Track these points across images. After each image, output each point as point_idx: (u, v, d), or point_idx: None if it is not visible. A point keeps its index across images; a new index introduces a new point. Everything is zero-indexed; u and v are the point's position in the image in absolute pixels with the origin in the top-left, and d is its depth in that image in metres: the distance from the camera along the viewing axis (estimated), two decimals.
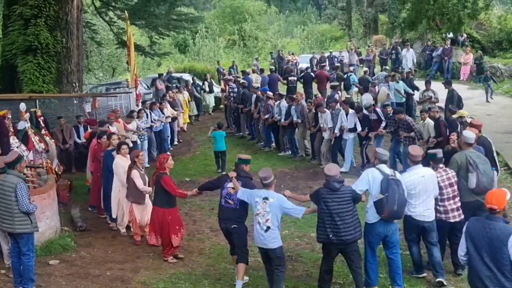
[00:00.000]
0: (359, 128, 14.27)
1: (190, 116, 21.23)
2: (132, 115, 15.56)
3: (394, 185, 7.24)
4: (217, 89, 24.02)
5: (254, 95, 18.09)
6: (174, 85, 22.48)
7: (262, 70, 23.77)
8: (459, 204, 8.03)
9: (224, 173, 12.62)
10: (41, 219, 8.99)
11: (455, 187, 8.01)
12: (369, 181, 7.46)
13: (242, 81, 20.31)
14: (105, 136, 11.36)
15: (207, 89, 22.80)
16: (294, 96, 16.47)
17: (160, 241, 9.07)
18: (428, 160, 8.27)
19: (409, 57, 24.99)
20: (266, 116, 17.00)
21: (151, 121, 16.31)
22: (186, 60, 40.33)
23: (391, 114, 13.83)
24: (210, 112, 23.09)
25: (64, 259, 9.03)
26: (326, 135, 14.81)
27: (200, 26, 42.31)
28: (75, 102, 17.80)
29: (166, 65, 37.33)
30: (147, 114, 16.17)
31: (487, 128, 12.71)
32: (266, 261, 7.74)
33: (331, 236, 7.23)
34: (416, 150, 8.01)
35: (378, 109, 14.33)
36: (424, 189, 7.68)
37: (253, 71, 22.98)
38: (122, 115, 17.58)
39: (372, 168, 7.71)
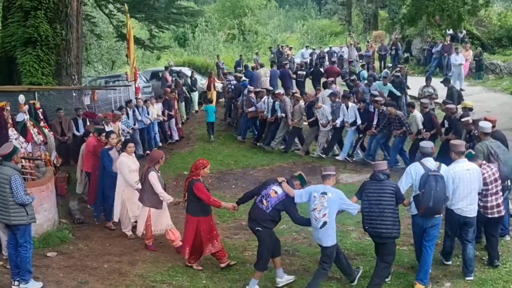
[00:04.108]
0: (359, 121, 14.55)
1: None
2: (121, 111, 15.13)
3: (432, 181, 7.23)
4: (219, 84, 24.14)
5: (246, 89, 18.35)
6: (173, 78, 22.46)
7: (261, 65, 23.80)
8: (500, 200, 8.04)
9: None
10: (39, 211, 9.01)
11: (499, 182, 8.01)
12: (411, 176, 7.54)
13: (238, 74, 20.52)
14: (104, 134, 11.14)
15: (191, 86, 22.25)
16: (277, 92, 16.68)
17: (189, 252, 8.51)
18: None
19: (459, 61, 22.21)
20: (250, 109, 17.30)
21: (135, 120, 16.08)
22: (186, 54, 40.27)
23: (381, 110, 14.08)
24: (197, 110, 22.22)
25: (61, 251, 9.05)
26: (325, 128, 15.17)
27: (200, 20, 42.25)
28: (74, 94, 17.74)
29: (165, 59, 37.31)
30: (128, 114, 15.89)
31: None
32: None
33: (367, 227, 7.46)
34: (458, 141, 8.06)
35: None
36: (468, 183, 7.61)
37: (253, 68, 22.90)
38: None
39: (416, 162, 7.75)
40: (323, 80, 20.01)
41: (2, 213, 7.34)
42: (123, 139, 11.38)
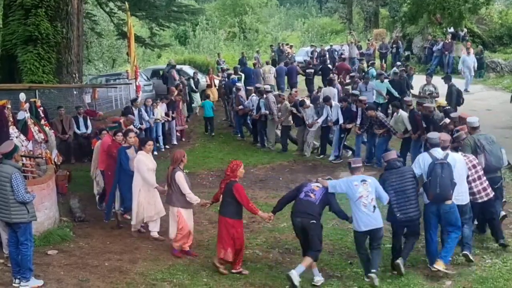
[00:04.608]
0: (341, 120, 14.67)
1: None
2: (130, 111, 14.58)
3: (438, 169, 7.67)
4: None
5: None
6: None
7: (268, 63, 23.75)
8: (486, 183, 8.48)
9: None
10: (40, 209, 9.00)
11: (478, 167, 8.44)
12: (420, 166, 8.02)
13: (229, 71, 20.68)
14: (120, 133, 10.84)
15: (193, 87, 21.35)
16: (262, 89, 16.98)
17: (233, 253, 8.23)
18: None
19: (470, 62, 21.68)
20: (240, 107, 17.52)
21: (141, 120, 15.61)
22: (186, 52, 40.22)
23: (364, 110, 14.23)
24: (197, 112, 21.29)
25: (62, 249, 9.04)
26: (312, 128, 15.31)
27: (200, 18, 42.17)
28: (74, 93, 17.76)
29: (166, 57, 37.23)
30: (133, 113, 15.05)
31: (486, 123, 12.76)
32: (364, 245, 7.93)
33: (398, 215, 7.77)
34: (444, 136, 8.39)
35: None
36: (456, 173, 7.87)
37: (254, 65, 22.89)
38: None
39: (424, 153, 8.30)
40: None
41: (3, 211, 7.34)
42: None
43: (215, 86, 21.93)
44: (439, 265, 7.74)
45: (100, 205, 11.30)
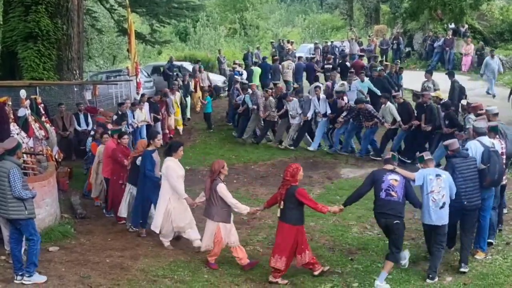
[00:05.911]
0: (328, 111, 15.21)
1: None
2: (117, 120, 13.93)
3: (495, 156, 8.05)
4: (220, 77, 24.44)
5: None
6: (175, 73, 22.43)
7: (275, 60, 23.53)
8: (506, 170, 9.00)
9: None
10: (41, 206, 9.02)
11: (505, 156, 8.81)
12: (472, 152, 8.21)
13: (234, 65, 20.85)
14: (125, 136, 10.71)
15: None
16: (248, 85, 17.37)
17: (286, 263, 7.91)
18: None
19: (494, 66, 20.45)
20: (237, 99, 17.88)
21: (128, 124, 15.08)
22: (187, 49, 40.20)
23: (352, 105, 14.80)
24: (189, 117, 20.52)
25: (63, 246, 9.05)
26: (295, 121, 15.76)
27: (201, 15, 42.10)
28: (75, 89, 17.76)
29: (166, 54, 37.22)
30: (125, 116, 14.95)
31: None
32: (428, 239, 8.13)
33: (465, 203, 7.85)
34: (481, 123, 8.94)
35: (346, 97, 15.61)
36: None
37: (274, 60, 22.73)
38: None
39: (474, 140, 8.48)
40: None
41: (2, 207, 7.33)
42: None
43: (201, 89, 21.32)
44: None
45: (108, 212, 11.06)
